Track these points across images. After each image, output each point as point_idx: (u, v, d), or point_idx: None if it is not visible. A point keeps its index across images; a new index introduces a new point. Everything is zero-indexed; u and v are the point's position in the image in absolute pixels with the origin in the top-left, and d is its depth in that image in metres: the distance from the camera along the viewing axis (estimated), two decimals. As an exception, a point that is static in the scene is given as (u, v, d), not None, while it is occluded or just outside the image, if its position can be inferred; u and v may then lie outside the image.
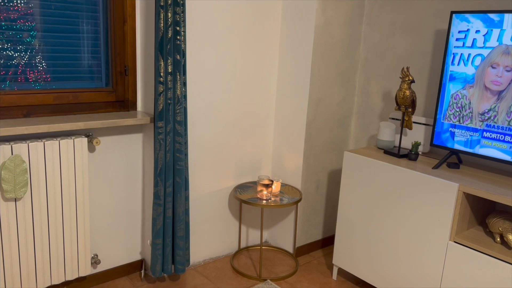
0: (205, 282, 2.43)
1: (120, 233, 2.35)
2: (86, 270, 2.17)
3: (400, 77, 2.22)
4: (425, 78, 2.44)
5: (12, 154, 1.83)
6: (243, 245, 2.85)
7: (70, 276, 2.12)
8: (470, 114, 2.02)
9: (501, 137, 1.92)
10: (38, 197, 1.93)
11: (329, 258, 2.78)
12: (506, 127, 1.90)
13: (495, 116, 1.93)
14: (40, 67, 2.00)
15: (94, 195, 2.21)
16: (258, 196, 2.51)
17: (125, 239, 2.38)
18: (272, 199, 2.49)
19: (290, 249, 2.79)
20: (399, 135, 2.41)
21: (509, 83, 1.87)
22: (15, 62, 1.93)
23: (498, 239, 1.87)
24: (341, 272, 2.61)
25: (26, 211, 1.91)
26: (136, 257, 2.45)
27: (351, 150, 2.36)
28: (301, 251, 2.79)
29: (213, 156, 2.55)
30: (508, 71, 1.87)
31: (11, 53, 1.92)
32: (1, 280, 1.91)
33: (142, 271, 2.46)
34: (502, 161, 1.93)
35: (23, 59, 1.95)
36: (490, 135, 1.96)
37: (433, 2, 2.36)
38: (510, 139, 1.90)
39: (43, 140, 1.91)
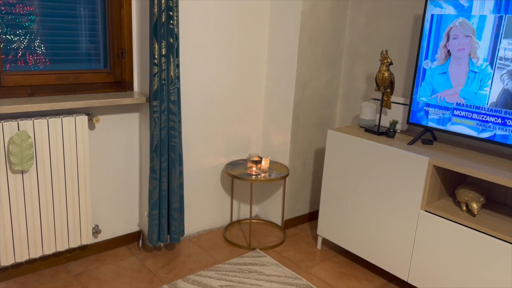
0: (198, 251, 2.61)
1: (120, 205, 2.53)
2: (88, 239, 2.35)
3: (380, 60, 2.37)
4: (404, 60, 2.59)
5: (18, 130, 1.99)
6: (234, 218, 3.04)
7: (73, 244, 2.30)
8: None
9: (469, 114, 2.09)
10: (43, 170, 2.10)
11: (315, 231, 2.97)
12: (473, 105, 2.06)
13: (464, 95, 2.09)
14: (39, 50, 2.14)
15: (95, 170, 2.38)
16: (248, 172, 2.68)
17: (124, 211, 2.56)
18: (261, 174, 2.66)
19: (278, 222, 2.98)
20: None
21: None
22: (14, 46, 2.07)
23: (464, 208, 2.05)
24: (325, 242, 2.80)
25: (32, 183, 2.08)
26: (134, 228, 2.63)
27: (334, 128, 2.53)
28: (289, 224, 2.98)
29: (206, 134, 2.71)
30: (466, 36, 2.03)
31: (10, 37, 2.06)
32: (10, 246, 2.09)
33: (140, 241, 2.64)
34: (470, 137, 2.10)
35: (23, 43, 2.09)
36: (460, 113, 2.12)
37: (412, -12, 2.50)
38: (477, 117, 2.06)
39: (47, 118, 2.07)
